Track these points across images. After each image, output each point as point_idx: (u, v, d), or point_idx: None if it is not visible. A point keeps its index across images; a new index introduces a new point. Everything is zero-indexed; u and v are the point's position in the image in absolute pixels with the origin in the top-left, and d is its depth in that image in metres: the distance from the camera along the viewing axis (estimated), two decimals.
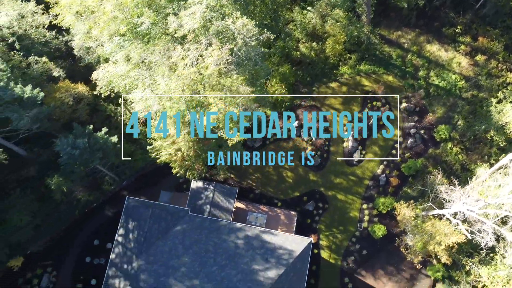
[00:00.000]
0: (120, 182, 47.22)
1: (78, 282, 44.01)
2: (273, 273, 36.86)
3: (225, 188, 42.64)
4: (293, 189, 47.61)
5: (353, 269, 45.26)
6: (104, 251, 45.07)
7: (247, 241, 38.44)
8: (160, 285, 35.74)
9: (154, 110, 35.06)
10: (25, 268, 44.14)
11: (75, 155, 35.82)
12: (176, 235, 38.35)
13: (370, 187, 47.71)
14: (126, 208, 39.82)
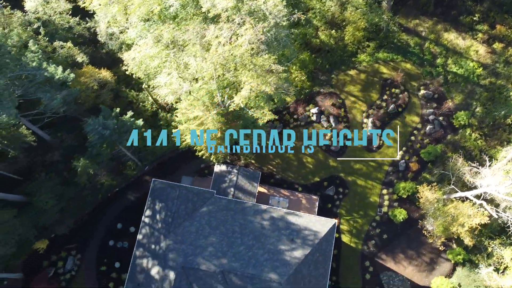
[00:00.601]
0: (142, 167, 47.69)
1: (102, 265, 44.50)
2: (299, 253, 37.32)
3: (249, 171, 43.10)
4: (313, 175, 48.07)
5: (373, 253, 45.73)
6: (127, 235, 45.59)
7: (273, 222, 38.90)
8: (189, 264, 36.20)
9: (184, 90, 35.55)
10: (49, 251, 44.64)
11: (106, 135, 36.29)
12: (202, 216, 38.82)
13: (389, 172, 48.17)
14: (152, 190, 40.27)
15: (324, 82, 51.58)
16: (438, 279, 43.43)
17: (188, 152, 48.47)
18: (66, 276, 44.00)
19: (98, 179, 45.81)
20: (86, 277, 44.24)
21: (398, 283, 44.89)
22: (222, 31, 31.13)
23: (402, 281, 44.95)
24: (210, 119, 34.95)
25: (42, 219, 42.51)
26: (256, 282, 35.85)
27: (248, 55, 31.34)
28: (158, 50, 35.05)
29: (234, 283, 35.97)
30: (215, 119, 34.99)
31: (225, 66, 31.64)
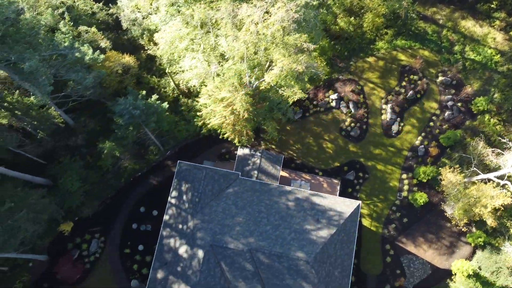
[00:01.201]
0: (164, 152, 48.18)
1: (126, 248, 44.99)
2: (325, 232, 37.78)
3: (272, 155, 43.57)
4: (333, 160, 48.53)
5: (394, 237, 46.18)
6: (150, 218, 46.08)
7: (298, 203, 39.37)
8: (217, 242, 36.66)
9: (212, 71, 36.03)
10: (74, 234, 45.13)
11: (135, 115, 36.76)
12: (228, 197, 39.30)
13: (409, 157, 48.62)
14: (178, 171, 40.74)
15: (343, 69, 52.04)
16: (458, 262, 43.84)
17: (209, 137, 49.07)
18: (91, 258, 44.48)
19: (122, 163, 46.27)
20: (110, 259, 44.73)
21: (419, 266, 45.32)
22: (254, 9, 31.61)
23: (422, 264, 45.39)
24: (239, 99, 35.43)
25: (68, 201, 43.00)
26: (284, 260, 36.30)
27: (280, 34, 31.82)
28: (187, 31, 35.55)
29: (261, 262, 36.43)
30: (244, 100, 35.47)
31: (256, 45, 32.12)
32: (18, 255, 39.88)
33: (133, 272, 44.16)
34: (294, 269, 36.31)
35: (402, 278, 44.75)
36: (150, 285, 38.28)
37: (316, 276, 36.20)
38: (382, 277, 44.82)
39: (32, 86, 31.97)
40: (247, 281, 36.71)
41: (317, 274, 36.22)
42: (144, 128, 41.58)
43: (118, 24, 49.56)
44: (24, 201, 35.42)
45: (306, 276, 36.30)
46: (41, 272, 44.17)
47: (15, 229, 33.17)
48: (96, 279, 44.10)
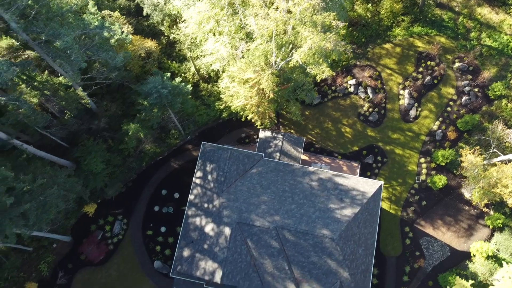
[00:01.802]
0: (184, 136, 48.75)
1: (148, 230, 45.54)
2: (348, 211, 38.29)
3: (293, 137, 44.09)
4: (352, 144, 49.07)
5: (413, 219, 46.68)
6: (171, 200, 46.64)
7: (321, 183, 39.89)
8: (243, 220, 37.18)
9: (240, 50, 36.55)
10: (96, 216, 45.69)
11: (163, 95, 37.28)
12: (253, 177, 39.83)
13: (426, 142, 49.14)
14: (202, 152, 41.26)
15: (360, 55, 52.57)
16: (477, 243, 44.37)
17: (229, 121, 49.69)
18: (114, 240, 45.04)
19: (143, 146, 46.79)
20: (133, 240, 45.28)
21: (437, 248, 45.82)
22: None
23: (441, 246, 45.89)
24: (265, 79, 35.94)
25: (92, 183, 43.51)
26: (309, 238, 36.82)
27: (309, 12, 32.36)
28: (216, 11, 36.09)
29: (287, 239, 36.96)
30: (270, 79, 36.00)
31: (286, 23, 32.65)
32: (45, 234, 40.44)
33: (156, 253, 44.73)
34: (320, 246, 36.83)
35: (421, 260, 45.26)
36: (176, 263, 38.77)
37: (341, 253, 36.71)
38: (401, 259, 45.33)
39: (64, 63, 32.50)
40: (273, 258, 37.24)
41: (342, 252, 36.73)
42: (168, 110, 42.12)
43: (139, 10, 50.15)
44: (54, 179, 35.96)
45: (331, 253, 36.82)
46: (65, 253, 44.77)
47: (47, 205, 33.70)
48: (119, 259, 44.66)
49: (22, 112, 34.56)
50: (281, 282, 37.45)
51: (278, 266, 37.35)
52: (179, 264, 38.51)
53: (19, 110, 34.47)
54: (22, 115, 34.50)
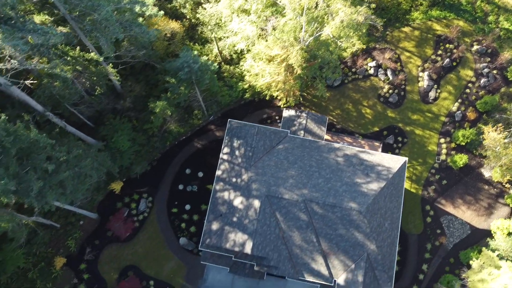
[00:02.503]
0: (207, 117, 49.41)
1: (173, 207, 46.22)
2: (374, 185, 38.94)
3: (317, 116, 44.72)
4: (372, 125, 49.72)
5: (433, 198, 47.33)
6: (195, 179, 47.32)
7: (347, 159, 40.54)
8: (272, 193, 37.85)
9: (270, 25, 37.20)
10: (122, 194, 46.36)
11: (194, 70, 37.92)
12: (279, 152, 40.49)
13: (446, 123, 49.79)
14: (228, 129, 41.95)
15: (379, 38, 53.21)
16: (498, 221, 45.01)
17: (251, 103, 50.39)
18: (139, 217, 45.73)
19: (168, 125, 47.42)
20: (158, 218, 45.97)
21: (458, 226, 46.47)
22: None
23: (461, 224, 46.54)
24: (294, 54, 36.60)
25: (119, 161, 44.17)
26: (337, 210, 37.48)
27: None
28: None
29: (315, 212, 37.62)
30: (299, 54, 36.65)
31: None
32: (75, 209, 41.12)
33: (181, 230, 45.40)
34: (347, 219, 37.48)
35: (442, 237, 45.91)
36: (204, 236, 39.44)
37: (368, 226, 37.37)
38: (423, 236, 45.99)
39: (100, 36, 33.12)
40: (301, 230, 37.90)
41: (369, 224, 37.39)
42: (195, 88, 42.77)
43: None
44: (86, 152, 36.63)
45: (359, 226, 37.47)
46: (91, 230, 45.46)
47: (81, 176, 34.36)
48: (145, 236, 45.34)
49: (57, 86, 35.21)
50: (309, 254, 38.13)
51: (306, 239, 38.02)
52: (208, 237, 39.18)
53: (54, 83, 35.11)
54: (57, 88, 35.14)
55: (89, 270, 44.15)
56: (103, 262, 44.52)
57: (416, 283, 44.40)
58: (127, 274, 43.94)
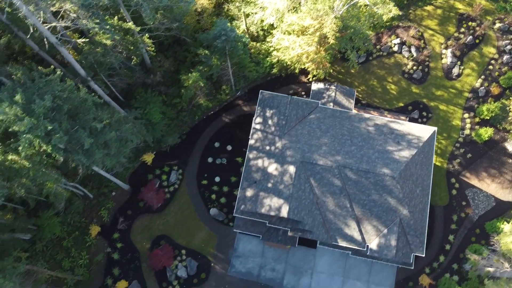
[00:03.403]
0: (234, 92, 50.23)
1: (203, 180, 47.03)
2: (406, 153, 39.73)
3: (345, 88, 45.50)
4: (397, 100, 50.51)
5: (458, 171, 48.09)
6: (224, 152, 48.14)
7: (377, 128, 41.34)
8: (306, 159, 38.66)
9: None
10: (153, 166, 47.18)
11: (231, 38, 38.71)
12: (311, 121, 41.30)
13: (469, 98, 50.55)
14: (260, 100, 42.77)
15: (402, 16, 53.92)
16: None
17: (278, 79, 51.19)
18: (170, 189, 46.56)
19: (198, 99, 48.22)
20: (189, 190, 46.81)
21: (483, 198, 47.22)
22: None
23: (486, 197, 47.29)
24: (329, 22, 37.37)
25: (151, 132, 44.96)
26: (370, 176, 38.27)
27: None
28: None
29: (349, 178, 38.42)
30: (334, 22, 37.43)
31: None
32: (111, 177, 41.97)
33: (212, 201, 46.23)
34: (380, 184, 38.28)
35: (468, 209, 46.66)
36: (239, 203, 40.24)
37: (401, 191, 38.15)
38: (448, 208, 46.75)
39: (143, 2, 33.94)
40: (335, 196, 38.71)
41: (402, 189, 38.18)
42: (227, 60, 43.59)
43: None
44: (125, 119, 37.44)
45: (392, 191, 38.27)
46: (123, 200, 46.31)
47: (123, 140, 35.17)
48: (176, 207, 46.19)
49: (99, 52, 36.03)
50: (342, 219, 38.92)
51: (340, 204, 38.82)
52: (243, 203, 39.97)
53: (96, 49, 35.94)
54: (99, 54, 35.96)
55: (122, 239, 45.00)
56: (135, 232, 45.37)
57: (443, 253, 45.17)
58: (159, 244, 44.75)
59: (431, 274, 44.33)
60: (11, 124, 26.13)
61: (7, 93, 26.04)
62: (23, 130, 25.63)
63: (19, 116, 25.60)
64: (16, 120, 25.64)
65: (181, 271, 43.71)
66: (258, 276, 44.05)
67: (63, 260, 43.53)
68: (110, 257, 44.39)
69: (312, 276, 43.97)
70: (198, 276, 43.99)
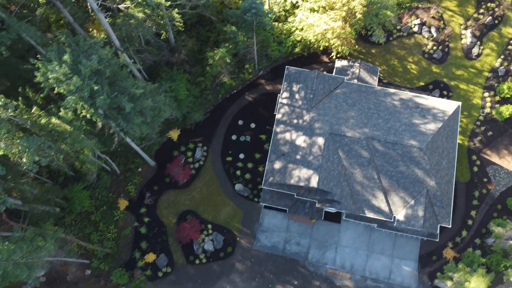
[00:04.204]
0: (257, 71, 50.79)
1: (227, 156, 47.62)
2: (432, 126, 40.29)
3: (368, 65, 46.08)
4: (418, 79, 51.08)
5: (479, 149, 48.63)
6: (248, 129, 48.72)
7: (403, 102, 41.90)
8: (335, 131, 39.24)
9: None
10: (178, 143, 47.78)
11: (260, 12, 39.25)
12: (338, 96, 41.87)
13: (489, 78, 51.10)
14: (287, 75, 43.37)
15: None
16: None
17: (300, 58, 51.74)
18: (195, 165, 47.14)
19: (222, 78, 48.77)
20: (214, 166, 47.40)
21: (504, 175, 47.77)
22: None
23: (507, 174, 47.84)
24: None
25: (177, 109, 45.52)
26: (398, 148, 38.85)
27: None
28: None
29: (376, 149, 38.99)
30: None
31: None
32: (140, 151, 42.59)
33: (236, 177, 46.79)
34: (408, 156, 38.85)
35: (489, 186, 47.22)
36: (267, 175, 40.81)
37: (428, 163, 38.72)
38: (470, 185, 47.28)
39: None
40: (363, 167, 39.28)
41: (429, 161, 38.74)
42: (253, 37, 44.16)
43: None
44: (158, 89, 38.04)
45: (419, 162, 38.83)
46: (149, 176, 46.90)
47: (157, 109, 35.76)
48: (201, 183, 46.79)
49: (132, 23, 36.61)
50: (370, 191, 39.50)
51: (368, 176, 39.40)
52: (271, 175, 40.54)
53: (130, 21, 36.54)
54: (133, 26, 36.54)
55: (149, 214, 45.60)
56: (161, 207, 45.96)
57: (465, 228, 45.72)
58: (186, 218, 45.33)
59: (454, 248, 44.88)
60: (59, 85, 26.69)
61: (54, 53, 26.60)
62: (72, 89, 26.17)
63: (68, 75, 26.16)
64: (64, 80, 26.19)
65: (208, 244, 44.30)
66: (284, 250, 44.64)
67: (92, 233, 44.11)
68: (137, 231, 45.00)
69: (336, 250, 44.55)
70: (224, 250, 44.59)
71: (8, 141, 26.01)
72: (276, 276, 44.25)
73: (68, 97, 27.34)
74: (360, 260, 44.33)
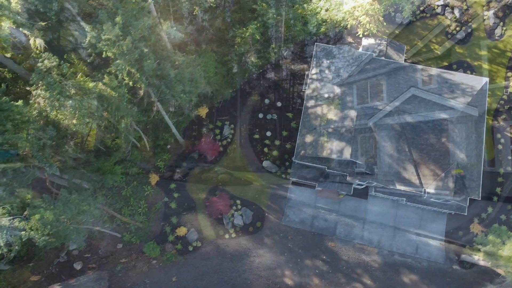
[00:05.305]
0: (282, 51, 51.29)
1: (254, 134, 48.16)
2: (461, 100, 40.76)
3: (395, 43, 46.59)
4: (441, 60, 51.54)
5: (503, 127, 49.11)
6: (274, 108, 49.25)
7: (431, 78, 42.39)
8: (365, 103, 39.76)
9: None
10: (206, 121, 48.34)
11: None
12: (367, 71, 42.37)
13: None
14: (316, 52, 43.89)
15: None
16: None
17: (323, 40, 52.22)
18: (223, 142, 47.69)
19: (248, 56, 49.32)
20: (241, 143, 47.95)
21: None
22: None
23: None
24: None
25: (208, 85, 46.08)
26: (429, 121, 39.34)
27: None
28: None
29: (408, 122, 39.47)
30: None
31: None
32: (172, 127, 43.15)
33: (264, 154, 47.34)
34: (438, 128, 39.37)
35: None
36: (298, 149, 41.36)
37: (458, 136, 39.24)
38: (495, 162, 47.80)
39: None
40: (393, 140, 39.79)
41: (459, 134, 39.25)
42: (282, 14, 44.70)
43: None
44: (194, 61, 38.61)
45: (449, 135, 39.34)
46: (178, 153, 47.47)
47: (194, 81, 36.32)
48: (229, 160, 47.32)
49: None
50: (401, 163, 40.02)
51: (399, 148, 39.92)
52: (302, 149, 41.10)
53: None
54: None
55: (178, 189, 46.16)
56: (191, 183, 46.52)
57: (490, 205, 46.22)
58: (215, 194, 45.88)
59: (480, 224, 45.39)
60: (110, 48, 27.22)
61: (106, 16, 27.10)
62: (124, 51, 26.71)
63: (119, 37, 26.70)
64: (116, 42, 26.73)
65: (237, 219, 44.85)
66: (311, 225, 45.19)
67: (123, 208, 44.69)
68: (167, 206, 45.55)
69: (364, 226, 45.09)
70: (254, 225, 45.14)
71: (60, 102, 26.55)
72: (304, 250, 44.81)
73: (117, 60, 27.87)
74: (387, 235, 44.87)
